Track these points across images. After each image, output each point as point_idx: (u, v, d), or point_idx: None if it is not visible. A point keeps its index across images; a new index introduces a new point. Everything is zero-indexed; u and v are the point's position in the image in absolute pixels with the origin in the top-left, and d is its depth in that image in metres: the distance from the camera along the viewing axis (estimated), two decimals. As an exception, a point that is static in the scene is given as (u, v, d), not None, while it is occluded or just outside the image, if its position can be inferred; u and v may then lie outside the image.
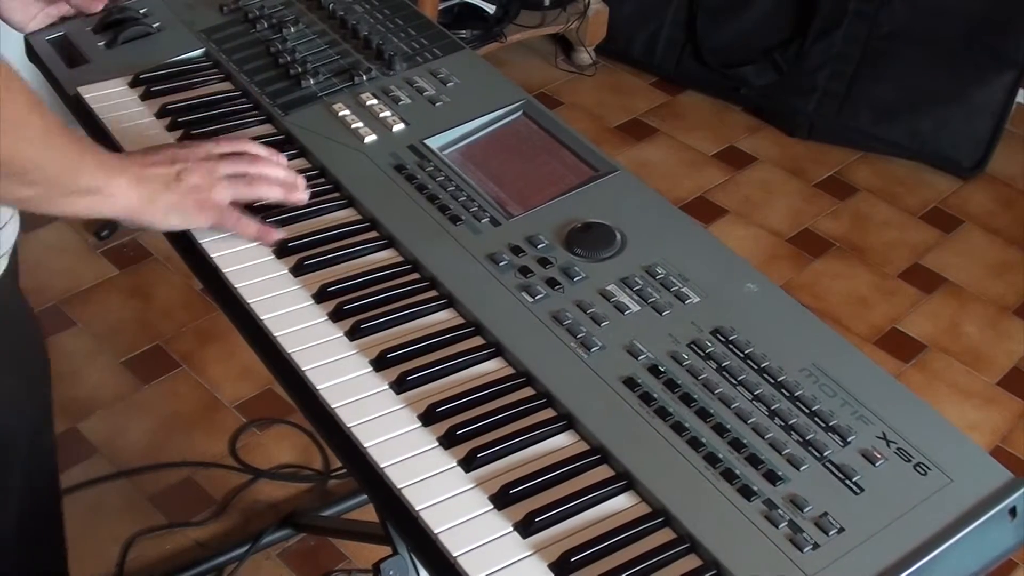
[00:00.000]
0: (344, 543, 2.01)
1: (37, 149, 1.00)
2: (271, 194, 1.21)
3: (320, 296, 1.14)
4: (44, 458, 1.42)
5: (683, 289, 1.13)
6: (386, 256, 1.20)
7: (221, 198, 1.17)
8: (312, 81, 1.39)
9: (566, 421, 1.03)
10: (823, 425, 1.00)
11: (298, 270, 1.17)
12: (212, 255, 1.18)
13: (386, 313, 1.12)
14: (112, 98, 1.38)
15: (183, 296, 2.45)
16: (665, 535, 0.94)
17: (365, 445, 1.00)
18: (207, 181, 1.17)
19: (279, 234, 1.20)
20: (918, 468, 0.97)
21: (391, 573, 1.34)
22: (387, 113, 1.34)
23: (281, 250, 1.19)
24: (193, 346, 2.35)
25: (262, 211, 1.23)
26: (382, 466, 0.98)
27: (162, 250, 2.53)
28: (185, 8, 1.52)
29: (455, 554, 0.92)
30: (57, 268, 2.47)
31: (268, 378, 2.19)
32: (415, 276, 1.17)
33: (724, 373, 1.04)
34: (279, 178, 1.22)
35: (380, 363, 1.07)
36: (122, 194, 1.11)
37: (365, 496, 1.99)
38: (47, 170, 1.03)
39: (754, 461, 0.97)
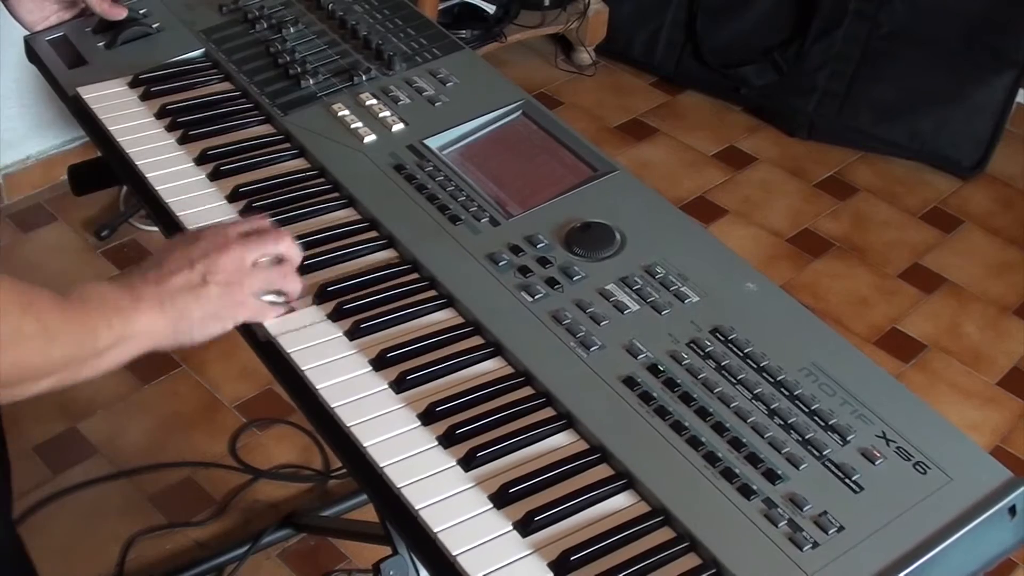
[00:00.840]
0: (344, 543, 2.01)
1: (40, 351, 0.92)
2: (294, 287, 1.11)
3: (320, 296, 1.14)
4: None
5: (682, 289, 1.13)
6: (386, 256, 1.20)
7: (256, 290, 1.08)
8: (311, 81, 1.39)
9: (565, 420, 1.03)
10: (822, 424, 1.00)
11: (298, 270, 1.17)
12: (212, 255, 1.18)
13: (386, 313, 1.12)
14: (112, 98, 1.38)
15: (183, 296, 2.45)
16: (664, 534, 0.94)
17: (365, 444, 1.00)
18: (237, 276, 1.06)
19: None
20: (918, 467, 0.97)
21: (391, 573, 1.34)
22: (386, 113, 1.34)
23: (281, 250, 1.19)
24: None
25: (263, 211, 1.23)
26: (382, 465, 0.98)
27: (162, 250, 2.53)
28: (185, 8, 1.52)
29: (455, 553, 0.92)
30: (57, 268, 2.47)
31: (268, 378, 2.19)
32: (415, 276, 1.17)
33: (723, 372, 1.04)
34: (295, 260, 1.12)
35: (380, 363, 1.07)
36: (148, 328, 1.00)
37: (365, 496, 1.99)
38: (57, 361, 0.94)
39: (753, 460, 0.97)
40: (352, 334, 1.10)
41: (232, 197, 1.26)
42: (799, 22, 3.14)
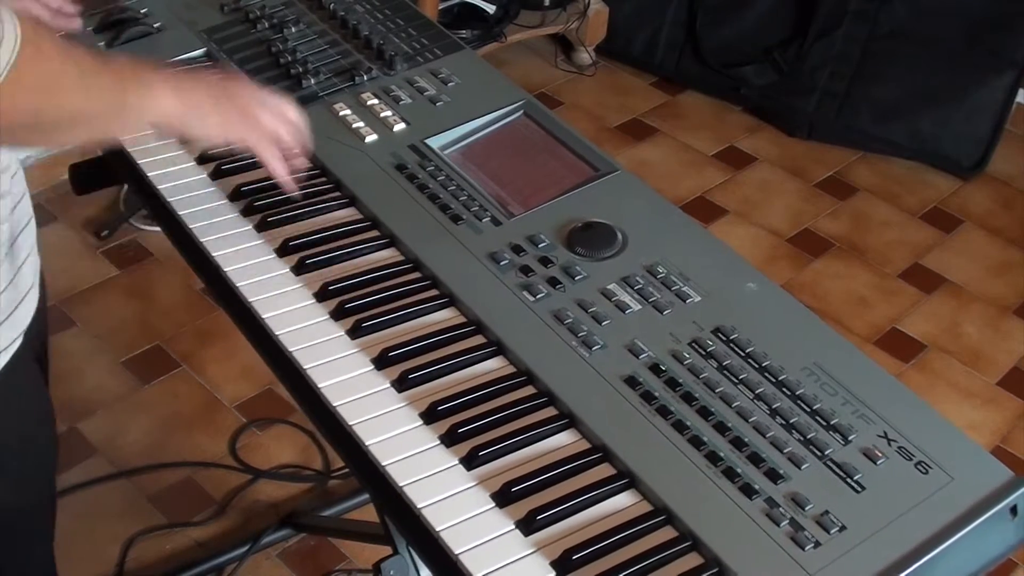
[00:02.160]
0: (344, 543, 2.01)
1: (79, 96, 1.00)
2: (278, 167, 1.19)
3: (321, 295, 1.14)
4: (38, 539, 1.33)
5: (684, 288, 1.13)
6: (387, 255, 1.20)
7: (263, 118, 1.17)
8: (313, 81, 1.39)
9: (567, 420, 1.03)
10: (824, 424, 1.00)
11: (299, 269, 1.17)
12: (213, 254, 1.19)
13: (387, 312, 1.12)
14: (113, 98, 1.38)
15: (183, 296, 2.45)
16: (666, 533, 0.94)
17: (367, 443, 1.00)
18: (252, 98, 1.17)
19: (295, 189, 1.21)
20: (919, 467, 0.97)
21: (391, 573, 1.34)
22: (388, 113, 1.34)
23: (282, 249, 1.19)
24: (193, 346, 2.34)
25: (264, 209, 1.24)
26: (384, 464, 0.98)
27: (162, 250, 2.53)
28: (186, 8, 1.52)
29: (457, 552, 0.92)
30: (57, 268, 2.47)
31: (268, 378, 2.19)
32: (416, 275, 1.18)
33: (725, 372, 1.04)
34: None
35: (381, 362, 1.07)
36: (160, 102, 1.09)
37: (365, 496, 1.99)
38: (93, 109, 1.03)
39: (755, 460, 0.97)
40: (354, 333, 1.10)
41: (233, 196, 1.26)
42: (799, 22, 3.14)
